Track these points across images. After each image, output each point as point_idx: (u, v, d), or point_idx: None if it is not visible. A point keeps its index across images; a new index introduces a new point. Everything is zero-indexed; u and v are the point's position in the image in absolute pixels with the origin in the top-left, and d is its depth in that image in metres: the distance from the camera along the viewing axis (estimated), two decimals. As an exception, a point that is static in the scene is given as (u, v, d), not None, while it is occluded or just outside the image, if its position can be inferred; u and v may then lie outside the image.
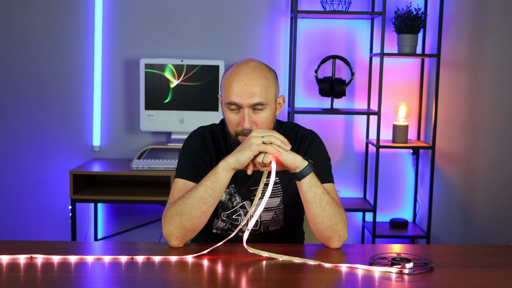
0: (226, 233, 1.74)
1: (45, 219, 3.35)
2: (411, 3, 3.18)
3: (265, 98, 1.60)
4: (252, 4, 3.27)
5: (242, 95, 1.58)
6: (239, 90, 1.58)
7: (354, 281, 1.36)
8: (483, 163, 3.28)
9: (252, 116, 1.60)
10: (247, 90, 1.58)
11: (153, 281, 1.34)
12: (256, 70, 1.61)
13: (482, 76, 3.24)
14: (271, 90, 1.63)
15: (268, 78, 1.62)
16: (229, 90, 1.60)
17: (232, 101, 1.59)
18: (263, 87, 1.59)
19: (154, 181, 3.13)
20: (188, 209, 1.53)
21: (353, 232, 3.37)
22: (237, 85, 1.59)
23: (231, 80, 1.60)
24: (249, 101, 1.58)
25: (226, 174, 1.51)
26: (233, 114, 1.62)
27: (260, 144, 1.47)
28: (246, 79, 1.59)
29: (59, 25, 3.25)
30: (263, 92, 1.59)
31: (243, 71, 1.60)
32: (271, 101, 1.63)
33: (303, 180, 1.52)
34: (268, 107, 1.62)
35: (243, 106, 1.59)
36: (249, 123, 1.59)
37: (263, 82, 1.60)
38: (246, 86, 1.58)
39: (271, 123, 1.66)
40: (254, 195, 1.71)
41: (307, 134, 1.76)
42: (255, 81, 1.59)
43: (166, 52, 3.27)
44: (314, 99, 3.29)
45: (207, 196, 1.52)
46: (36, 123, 3.30)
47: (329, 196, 1.55)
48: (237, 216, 1.72)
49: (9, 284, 1.31)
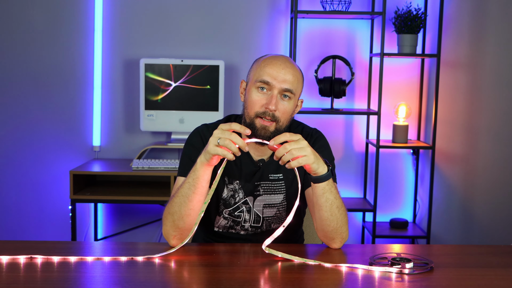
0: (227, 231, 1.74)
1: (45, 219, 3.35)
2: (411, 3, 3.18)
3: (295, 88, 1.65)
4: (252, 4, 3.27)
5: (277, 77, 1.62)
6: (274, 72, 1.63)
7: (354, 281, 1.36)
8: (483, 163, 3.29)
9: (278, 102, 1.63)
10: (283, 74, 1.63)
11: (153, 281, 1.34)
12: (292, 62, 1.69)
13: (482, 76, 3.24)
14: (300, 86, 1.69)
15: (299, 74, 1.70)
16: (263, 70, 1.64)
17: (265, 80, 1.62)
18: (295, 78, 1.66)
19: (154, 181, 3.13)
20: (177, 208, 1.55)
21: (353, 232, 3.37)
22: (274, 67, 1.63)
23: (268, 62, 1.65)
24: (281, 84, 1.62)
25: (205, 170, 1.52)
26: (260, 95, 1.63)
27: (216, 147, 1.46)
28: (284, 65, 1.65)
29: (59, 25, 3.25)
30: (295, 83, 1.65)
31: (281, 59, 1.67)
32: (297, 96, 1.68)
33: (318, 185, 1.53)
34: (293, 99, 1.66)
35: (273, 88, 1.62)
36: (274, 105, 1.61)
37: (296, 74, 1.67)
38: (283, 70, 1.63)
39: (289, 119, 1.68)
40: (258, 190, 1.71)
41: (313, 132, 1.79)
42: (291, 69, 1.65)
43: (166, 52, 3.27)
44: (314, 99, 3.29)
45: (191, 193, 1.53)
46: (36, 123, 3.30)
47: (340, 201, 1.56)
48: (239, 213, 1.72)
49: (9, 284, 1.31)
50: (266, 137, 1.61)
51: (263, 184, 1.71)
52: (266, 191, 1.71)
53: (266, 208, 1.72)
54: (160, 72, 3.10)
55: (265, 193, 1.71)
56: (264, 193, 1.71)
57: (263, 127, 1.62)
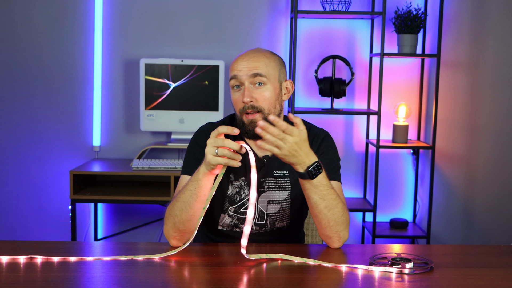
0: (232, 229, 1.74)
1: (45, 219, 3.35)
2: (411, 3, 3.18)
3: (265, 71, 1.64)
4: (252, 4, 3.27)
5: (242, 68, 1.63)
6: (239, 65, 1.64)
7: (354, 281, 1.36)
8: (483, 163, 3.29)
9: (252, 91, 1.63)
10: (247, 64, 1.64)
11: (153, 281, 1.34)
12: (259, 50, 1.69)
13: (482, 76, 3.25)
14: (273, 69, 1.67)
15: (270, 58, 1.67)
16: (231, 68, 1.66)
17: (233, 75, 1.64)
18: (263, 64, 1.64)
19: (154, 181, 3.13)
20: (178, 212, 1.55)
21: (353, 232, 3.37)
22: (238, 61, 1.65)
23: (234, 60, 1.67)
24: (247, 72, 1.62)
25: (208, 180, 1.50)
26: (237, 93, 1.66)
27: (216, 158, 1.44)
28: (247, 56, 1.65)
29: (59, 25, 3.25)
30: (263, 66, 1.64)
31: (247, 52, 1.68)
32: (273, 79, 1.66)
33: (301, 180, 1.53)
34: (270, 84, 1.65)
35: (243, 80, 1.63)
36: (248, 96, 1.61)
37: (263, 59, 1.65)
38: (247, 61, 1.64)
39: (275, 103, 1.67)
40: (263, 186, 1.71)
41: (319, 132, 1.80)
42: (256, 58, 1.65)
43: (166, 52, 3.27)
44: (314, 99, 3.29)
45: (193, 201, 1.52)
46: (36, 123, 3.30)
47: (330, 202, 1.54)
48: (244, 209, 1.71)
49: (9, 284, 1.30)
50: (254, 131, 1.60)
51: (268, 180, 1.72)
52: (270, 187, 1.72)
53: (270, 205, 1.72)
54: (160, 72, 3.10)
55: (270, 190, 1.72)
56: (269, 189, 1.72)
57: (250, 121, 1.64)
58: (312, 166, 1.50)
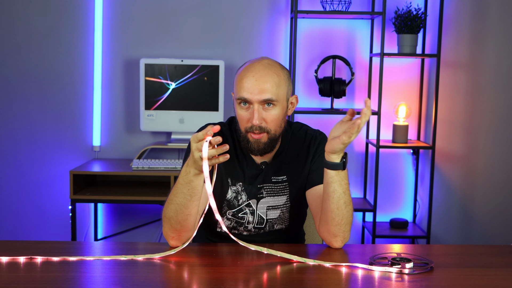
0: (230, 231, 1.73)
1: (45, 219, 3.35)
2: (411, 3, 3.17)
3: (276, 95, 1.59)
4: (252, 4, 3.27)
5: (253, 91, 1.58)
6: (250, 86, 1.58)
7: (354, 281, 1.36)
8: (483, 163, 3.29)
9: (262, 113, 1.59)
10: (258, 86, 1.58)
11: (153, 281, 1.34)
12: (268, 67, 1.61)
13: (482, 76, 3.24)
14: (283, 88, 1.62)
15: (280, 76, 1.61)
16: (240, 86, 1.60)
17: (242, 97, 1.59)
18: (274, 84, 1.59)
19: (154, 181, 3.13)
20: (173, 214, 1.53)
21: (353, 232, 3.37)
22: (248, 81, 1.59)
23: (243, 76, 1.61)
24: (259, 97, 1.58)
25: (200, 179, 1.48)
26: (243, 111, 1.61)
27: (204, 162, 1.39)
28: (258, 75, 1.59)
29: (59, 25, 3.25)
30: (274, 89, 1.59)
31: (255, 68, 1.61)
32: (282, 99, 1.62)
33: (329, 171, 1.51)
34: (279, 105, 1.61)
35: (253, 102, 1.59)
36: (258, 120, 1.59)
37: (274, 79, 1.60)
38: (257, 82, 1.58)
39: (281, 122, 1.65)
40: (261, 193, 1.71)
41: (316, 134, 1.77)
42: (266, 77, 1.59)
43: (166, 52, 3.27)
44: (314, 99, 3.29)
45: (187, 202, 1.50)
46: (36, 123, 3.30)
47: (348, 198, 1.55)
48: (243, 215, 1.71)
49: (9, 284, 1.30)
50: (260, 150, 1.62)
51: (266, 186, 1.71)
52: (269, 193, 1.71)
53: (270, 210, 1.72)
54: (160, 72, 3.10)
55: (268, 195, 1.71)
56: (268, 195, 1.71)
57: (255, 141, 1.62)
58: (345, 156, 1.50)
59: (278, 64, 1.65)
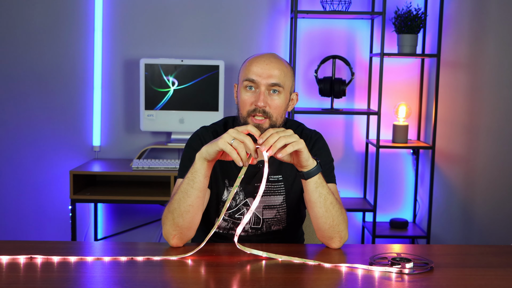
0: (228, 232, 1.74)
1: (45, 219, 3.35)
2: (411, 3, 3.18)
3: (283, 82, 1.63)
4: (252, 4, 3.27)
5: (262, 74, 1.62)
6: (259, 69, 1.62)
7: (354, 281, 1.36)
8: (483, 163, 3.29)
9: (267, 97, 1.62)
10: (267, 70, 1.62)
11: (153, 281, 1.34)
12: (277, 57, 1.68)
13: (482, 76, 3.25)
14: (289, 79, 1.67)
15: (287, 68, 1.67)
16: (249, 69, 1.64)
17: (250, 78, 1.62)
18: (282, 72, 1.64)
19: (154, 181, 3.13)
20: (176, 205, 1.54)
21: (353, 232, 3.37)
22: (258, 65, 1.63)
23: (253, 61, 1.65)
24: (267, 80, 1.61)
25: (202, 164, 1.51)
26: (249, 94, 1.63)
27: (227, 144, 1.45)
28: (268, 60, 1.64)
29: (59, 25, 3.25)
30: (282, 76, 1.63)
31: (266, 56, 1.67)
32: (287, 89, 1.66)
33: (310, 180, 1.53)
34: (284, 93, 1.65)
35: (260, 85, 1.62)
36: (263, 101, 1.61)
37: (283, 68, 1.65)
38: (267, 66, 1.62)
39: (283, 113, 1.67)
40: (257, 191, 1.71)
41: (312, 134, 1.78)
42: (276, 64, 1.64)
43: (166, 52, 3.27)
44: (314, 99, 3.29)
45: (190, 188, 1.52)
46: (36, 123, 3.30)
47: (333, 196, 1.56)
48: (239, 215, 1.72)
49: (9, 284, 1.30)
50: None
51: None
52: (265, 192, 1.71)
53: (266, 210, 1.72)
54: (160, 72, 3.10)
55: (265, 194, 1.71)
56: (264, 194, 1.71)
57: (256, 125, 1.62)
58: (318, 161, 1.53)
59: (285, 60, 1.71)
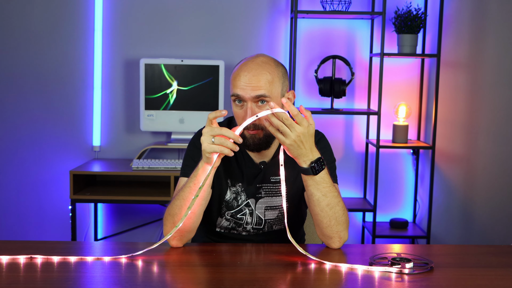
0: (229, 232, 1.74)
1: (45, 219, 3.35)
2: (411, 3, 3.18)
3: (269, 91, 1.59)
4: (252, 4, 3.27)
5: (245, 87, 1.58)
6: (242, 83, 1.59)
7: (354, 281, 1.36)
8: (483, 163, 3.28)
9: (255, 110, 1.59)
10: (250, 83, 1.58)
11: (153, 281, 1.34)
12: (262, 65, 1.61)
13: (482, 76, 3.24)
14: (277, 86, 1.62)
15: (273, 73, 1.61)
16: (233, 83, 1.62)
17: (235, 93, 1.60)
18: (267, 82, 1.59)
19: (154, 181, 3.13)
20: (177, 210, 1.54)
21: (353, 232, 3.37)
22: (241, 79, 1.59)
23: (236, 74, 1.62)
24: (251, 93, 1.58)
25: (204, 175, 1.52)
26: (238, 108, 1.63)
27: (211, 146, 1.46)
28: (250, 74, 1.59)
29: (59, 25, 3.25)
30: (267, 86, 1.59)
31: (248, 66, 1.61)
32: (276, 96, 1.62)
33: (303, 176, 1.54)
34: (273, 101, 1.60)
35: (246, 100, 1.59)
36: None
37: (267, 77, 1.59)
38: (249, 80, 1.58)
39: None
40: (260, 192, 1.71)
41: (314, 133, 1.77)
42: (259, 76, 1.58)
43: (166, 52, 3.27)
44: (314, 99, 3.29)
45: (191, 197, 1.52)
46: (36, 123, 3.30)
47: (331, 199, 1.55)
48: (241, 215, 1.72)
49: (9, 284, 1.31)
50: (256, 145, 1.63)
51: (265, 186, 1.71)
52: (267, 193, 1.71)
53: (268, 211, 1.72)
54: (160, 72, 3.10)
55: (267, 195, 1.72)
56: (266, 195, 1.71)
57: (251, 136, 1.62)
58: (316, 162, 1.51)
59: (273, 60, 1.65)
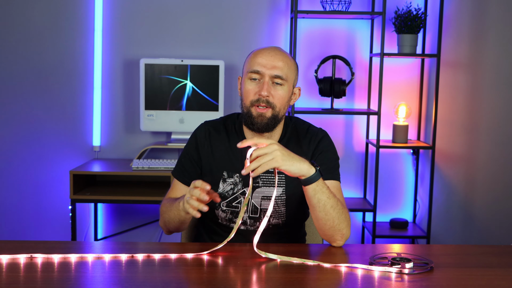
0: (228, 224, 1.76)
1: (45, 219, 3.35)
2: (411, 3, 3.18)
3: (286, 74, 1.68)
4: (252, 4, 3.27)
5: (266, 65, 1.66)
6: (264, 61, 1.66)
7: (354, 281, 1.36)
8: (483, 163, 3.28)
9: (271, 88, 1.66)
10: (271, 61, 1.66)
11: (153, 280, 1.34)
12: (282, 52, 1.71)
13: (482, 76, 3.24)
14: (292, 73, 1.71)
15: (290, 63, 1.71)
16: (253, 60, 1.69)
17: (255, 69, 1.67)
18: (286, 65, 1.68)
19: (154, 181, 3.13)
20: (168, 220, 1.68)
21: (353, 232, 3.37)
22: (263, 57, 1.67)
23: (257, 53, 1.70)
24: (271, 71, 1.65)
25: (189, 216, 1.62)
26: (252, 84, 1.68)
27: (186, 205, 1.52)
28: (273, 53, 1.69)
29: (59, 25, 3.25)
30: (285, 69, 1.68)
31: (270, 48, 1.71)
32: (290, 82, 1.70)
33: (308, 186, 1.53)
34: (287, 85, 1.69)
35: (264, 75, 1.66)
36: (267, 91, 1.65)
37: (287, 61, 1.69)
38: (272, 58, 1.67)
39: (285, 105, 1.71)
40: (257, 182, 1.72)
41: (318, 131, 1.81)
42: (280, 56, 1.68)
43: (166, 52, 3.27)
44: (314, 99, 3.29)
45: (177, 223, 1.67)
46: (36, 123, 3.30)
47: (334, 200, 1.56)
48: (237, 203, 1.73)
49: (9, 284, 1.30)
50: (262, 124, 1.66)
51: (262, 176, 1.73)
52: (265, 183, 1.72)
53: (264, 200, 1.73)
54: (160, 72, 3.10)
55: (264, 185, 1.73)
56: (263, 185, 1.73)
57: (259, 114, 1.66)
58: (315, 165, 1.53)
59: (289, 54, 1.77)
